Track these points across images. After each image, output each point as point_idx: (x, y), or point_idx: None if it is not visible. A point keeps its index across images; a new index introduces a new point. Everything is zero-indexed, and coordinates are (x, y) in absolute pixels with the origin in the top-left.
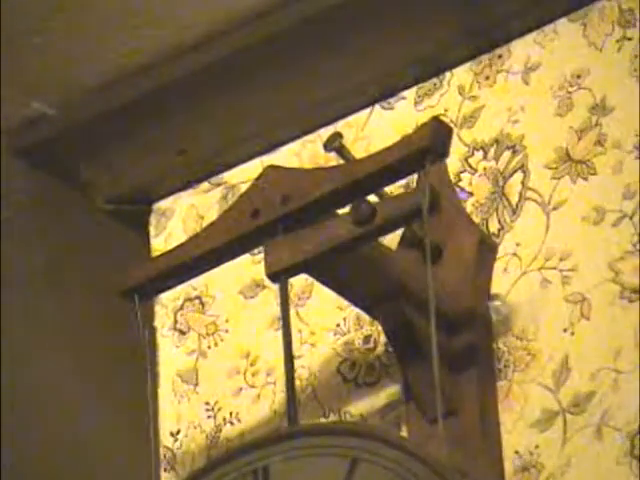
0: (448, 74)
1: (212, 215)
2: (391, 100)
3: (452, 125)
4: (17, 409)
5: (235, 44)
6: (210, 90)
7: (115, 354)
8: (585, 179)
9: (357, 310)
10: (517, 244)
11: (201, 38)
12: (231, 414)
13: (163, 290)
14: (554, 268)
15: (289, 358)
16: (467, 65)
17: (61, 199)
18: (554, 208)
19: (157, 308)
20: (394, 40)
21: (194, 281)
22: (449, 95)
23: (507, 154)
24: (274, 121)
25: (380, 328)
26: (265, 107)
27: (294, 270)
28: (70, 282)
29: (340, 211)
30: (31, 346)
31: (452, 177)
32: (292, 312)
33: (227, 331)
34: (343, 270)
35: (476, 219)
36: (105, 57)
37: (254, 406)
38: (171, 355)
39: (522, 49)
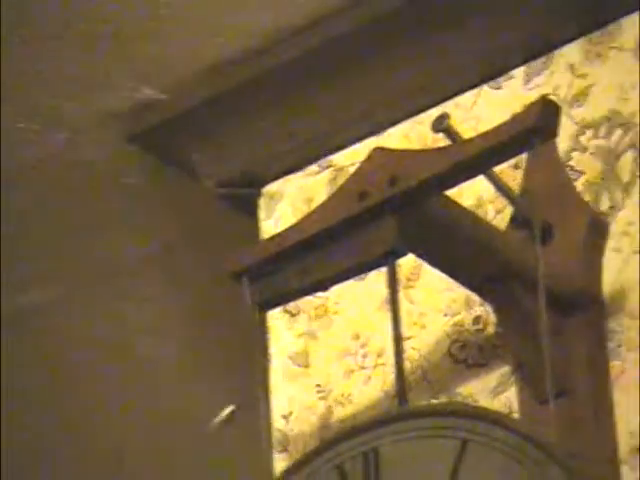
0: (557, 52)
1: (321, 197)
2: (500, 80)
3: (562, 103)
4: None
5: (345, 26)
6: (318, 73)
7: (227, 337)
8: None
9: (466, 291)
10: (629, 223)
11: (311, 20)
12: (342, 396)
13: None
14: None
15: (398, 339)
16: (577, 43)
17: (172, 183)
18: None
19: None
20: (503, 19)
21: None
22: (559, 73)
23: (618, 132)
24: (382, 103)
25: (490, 309)
26: (373, 89)
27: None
28: (183, 266)
29: (448, 192)
30: (146, 330)
31: (562, 156)
32: (401, 293)
33: (337, 313)
34: (452, 251)
35: (587, 198)
36: (214, 41)
37: (365, 387)
38: (282, 337)
39: (633, 25)
